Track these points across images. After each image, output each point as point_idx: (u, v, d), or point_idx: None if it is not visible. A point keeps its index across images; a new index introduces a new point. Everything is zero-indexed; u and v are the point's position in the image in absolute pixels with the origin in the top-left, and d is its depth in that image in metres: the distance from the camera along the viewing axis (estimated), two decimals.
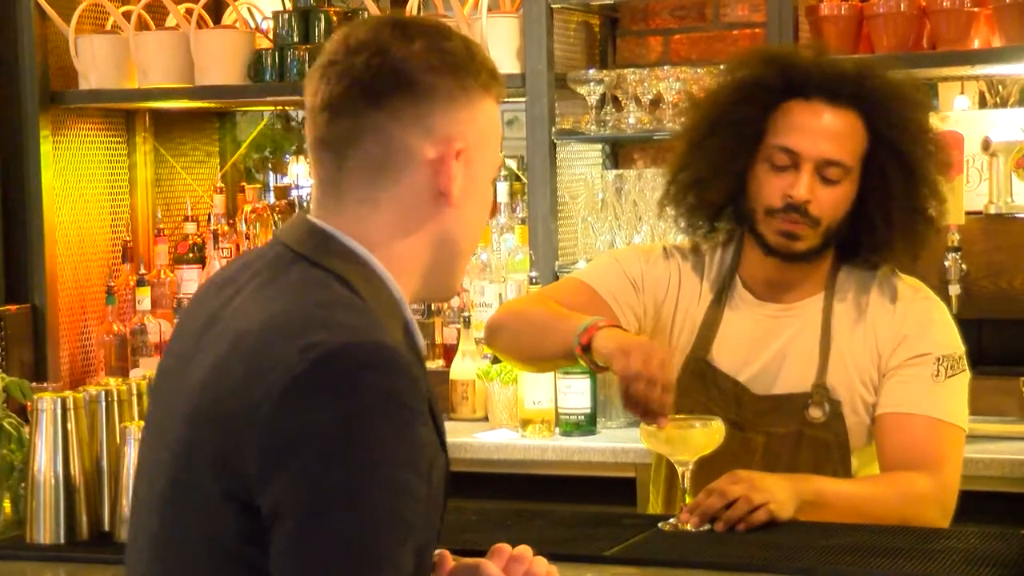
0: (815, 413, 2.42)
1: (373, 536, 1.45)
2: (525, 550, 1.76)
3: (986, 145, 3.60)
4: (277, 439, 1.45)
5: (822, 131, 2.40)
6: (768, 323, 2.49)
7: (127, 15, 4.14)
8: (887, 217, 2.43)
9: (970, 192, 3.57)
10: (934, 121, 2.54)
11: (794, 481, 2.32)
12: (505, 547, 1.75)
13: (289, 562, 1.45)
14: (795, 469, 2.39)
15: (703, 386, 2.47)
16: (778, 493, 2.25)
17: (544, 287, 2.75)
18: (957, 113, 3.96)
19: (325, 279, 1.56)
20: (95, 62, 4.14)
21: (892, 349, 2.44)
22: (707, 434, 2.29)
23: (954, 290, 3.44)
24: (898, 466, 2.39)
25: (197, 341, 1.59)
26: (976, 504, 2.60)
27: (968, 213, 3.51)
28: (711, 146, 2.48)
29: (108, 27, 4.22)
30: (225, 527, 1.49)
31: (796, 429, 2.43)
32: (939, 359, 2.42)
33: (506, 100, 4.96)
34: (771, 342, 2.48)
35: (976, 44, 3.55)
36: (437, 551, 1.69)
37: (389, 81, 1.59)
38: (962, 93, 4.40)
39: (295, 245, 1.61)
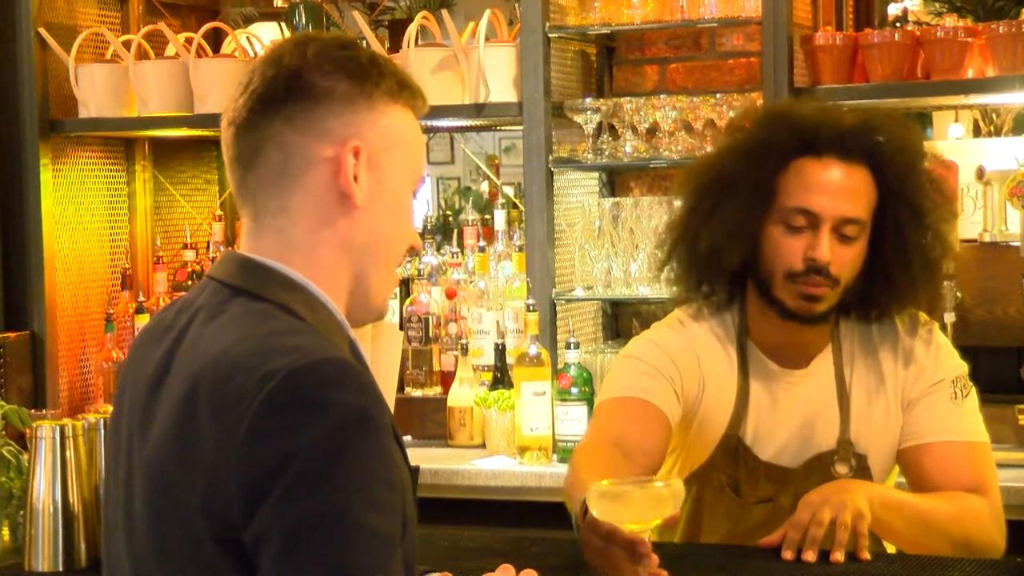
0: (841, 469, 2.41)
1: (358, 554, 1.44)
2: (531, 574, 1.75)
3: (980, 174, 3.61)
4: (254, 471, 1.45)
5: (838, 189, 2.34)
6: (790, 390, 2.46)
7: (127, 44, 4.15)
8: (906, 268, 2.39)
9: (964, 220, 3.58)
10: (929, 159, 2.48)
11: (859, 483, 2.31)
12: (510, 568, 1.75)
13: None
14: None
15: (733, 462, 2.45)
16: (857, 500, 2.22)
17: (601, 422, 2.45)
18: (951, 142, 3.97)
19: (268, 310, 1.56)
20: (95, 91, 4.15)
21: (912, 383, 2.44)
22: (660, 498, 1.96)
23: (949, 318, 3.44)
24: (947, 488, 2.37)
25: (152, 391, 1.59)
26: None
27: (963, 241, 3.51)
28: (722, 211, 2.40)
29: (108, 56, 4.23)
30: (218, 568, 1.48)
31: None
32: (953, 381, 2.43)
33: (503, 128, 4.99)
34: (794, 411, 2.45)
35: (970, 74, 3.56)
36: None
37: (283, 89, 1.60)
38: (956, 122, 4.41)
39: (231, 280, 1.61)
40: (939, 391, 2.43)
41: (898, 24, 3.75)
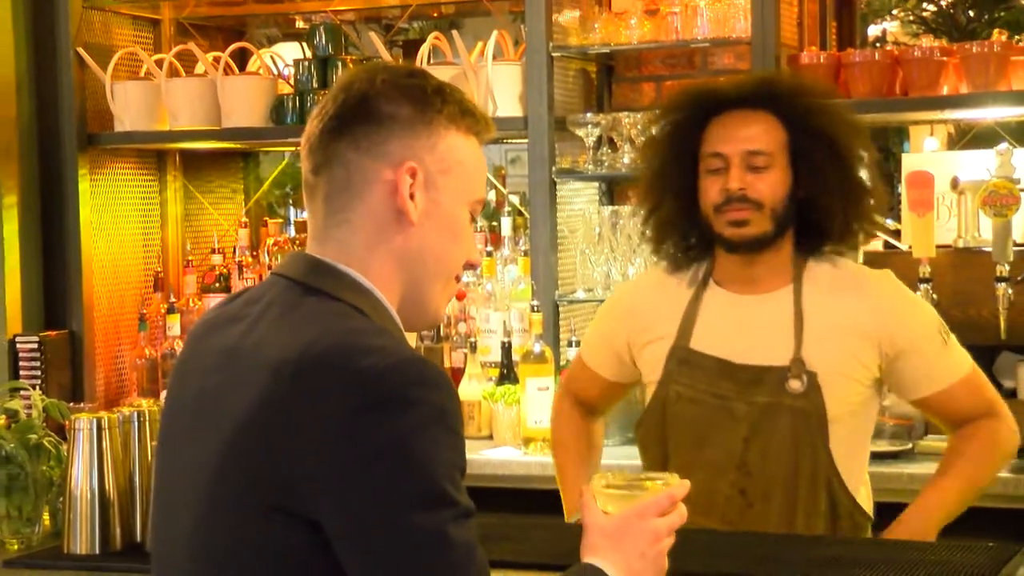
0: (794, 384, 2.46)
1: (456, 530, 1.47)
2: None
3: (955, 184, 3.61)
4: (343, 460, 1.46)
5: (741, 132, 2.51)
6: (744, 311, 2.54)
7: (159, 63, 4.15)
8: (825, 190, 2.49)
9: (940, 227, 3.58)
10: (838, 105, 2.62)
11: (925, 522, 2.46)
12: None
13: (374, 571, 1.47)
14: (776, 436, 2.45)
15: (688, 371, 2.52)
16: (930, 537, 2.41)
17: (567, 380, 2.85)
18: (927, 155, 3.97)
19: (343, 309, 1.58)
20: (129, 106, 4.15)
21: (897, 332, 2.48)
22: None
23: None
24: (965, 423, 2.53)
25: (221, 374, 1.58)
26: None
27: (938, 247, 3.52)
28: (662, 175, 2.61)
29: (142, 74, 4.24)
30: (274, 539, 1.49)
31: (777, 400, 2.46)
32: (939, 330, 2.53)
33: (509, 141, 4.99)
34: (748, 325, 2.52)
35: (945, 90, 3.55)
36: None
37: (350, 113, 1.63)
38: (932, 135, 4.42)
39: (303, 278, 1.62)
40: (930, 343, 2.51)
41: (878, 44, 3.75)
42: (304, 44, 4.31)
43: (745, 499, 2.44)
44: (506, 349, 3.81)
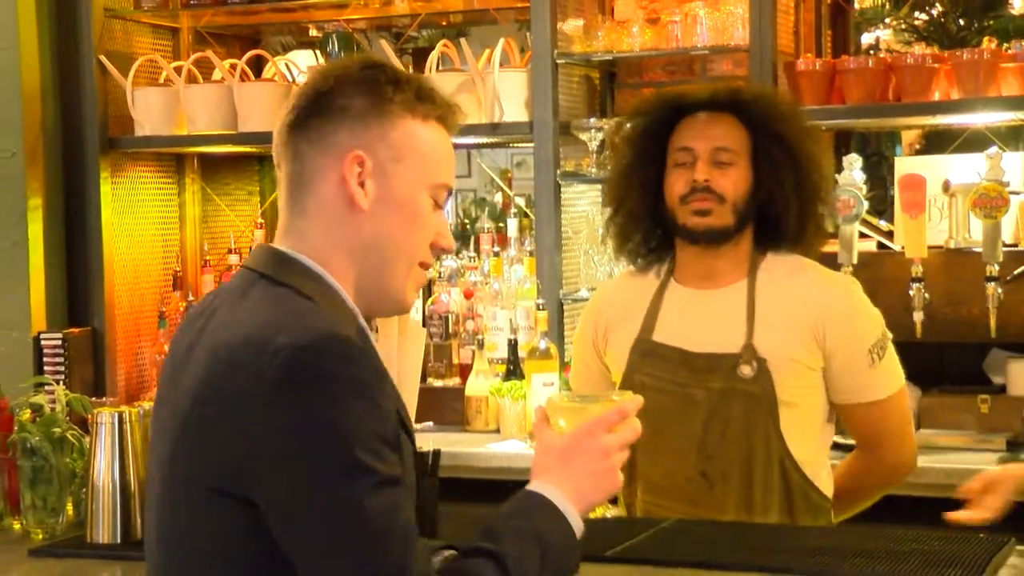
0: (745, 370, 2.49)
1: (369, 497, 1.46)
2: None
3: (946, 187, 3.61)
4: (263, 437, 1.47)
5: (708, 128, 2.57)
6: (701, 303, 2.58)
7: (178, 70, 4.16)
8: (781, 188, 2.54)
9: (932, 229, 3.58)
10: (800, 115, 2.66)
11: None
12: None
13: (301, 542, 1.47)
14: (731, 419, 2.49)
15: (650, 362, 2.56)
16: None
17: None
18: (920, 158, 3.96)
19: (286, 294, 1.59)
20: (149, 112, 4.16)
21: (832, 332, 2.51)
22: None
23: (918, 316, 3.44)
24: (870, 440, 2.60)
25: (181, 368, 1.61)
26: (938, 510, 2.60)
27: (930, 247, 3.52)
28: (629, 172, 2.65)
29: (161, 80, 4.24)
30: (219, 521, 1.51)
31: (730, 385, 2.50)
32: (871, 349, 2.53)
33: (516, 145, 4.98)
34: (704, 315, 2.56)
35: (936, 96, 3.56)
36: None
37: (307, 108, 1.65)
38: (923, 140, 4.40)
39: (257, 267, 1.64)
40: (857, 359, 2.52)
41: (872, 52, 3.75)
42: (317, 51, 4.32)
43: (706, 481, 2.48)
44: (512, 346, 3.81)
